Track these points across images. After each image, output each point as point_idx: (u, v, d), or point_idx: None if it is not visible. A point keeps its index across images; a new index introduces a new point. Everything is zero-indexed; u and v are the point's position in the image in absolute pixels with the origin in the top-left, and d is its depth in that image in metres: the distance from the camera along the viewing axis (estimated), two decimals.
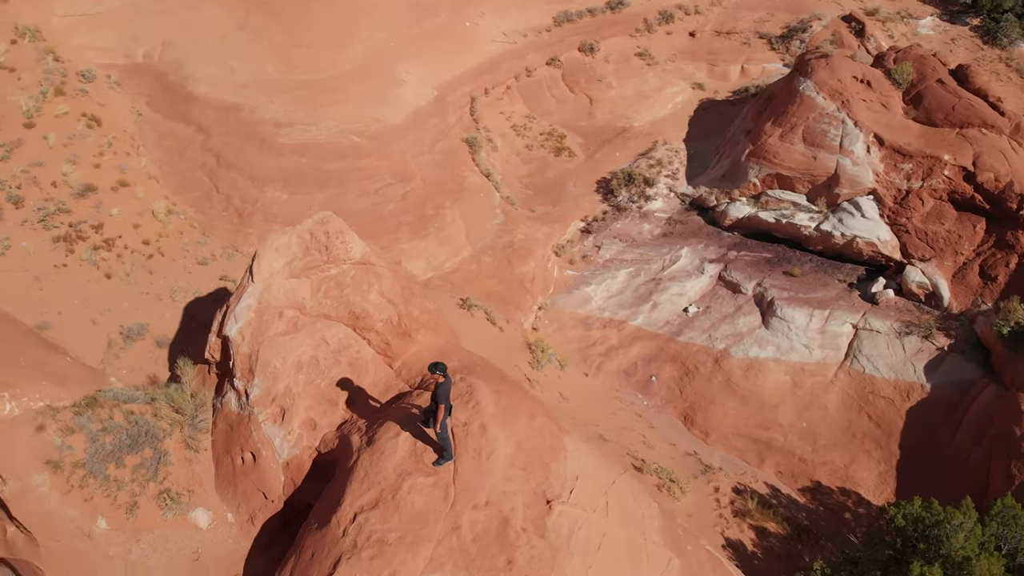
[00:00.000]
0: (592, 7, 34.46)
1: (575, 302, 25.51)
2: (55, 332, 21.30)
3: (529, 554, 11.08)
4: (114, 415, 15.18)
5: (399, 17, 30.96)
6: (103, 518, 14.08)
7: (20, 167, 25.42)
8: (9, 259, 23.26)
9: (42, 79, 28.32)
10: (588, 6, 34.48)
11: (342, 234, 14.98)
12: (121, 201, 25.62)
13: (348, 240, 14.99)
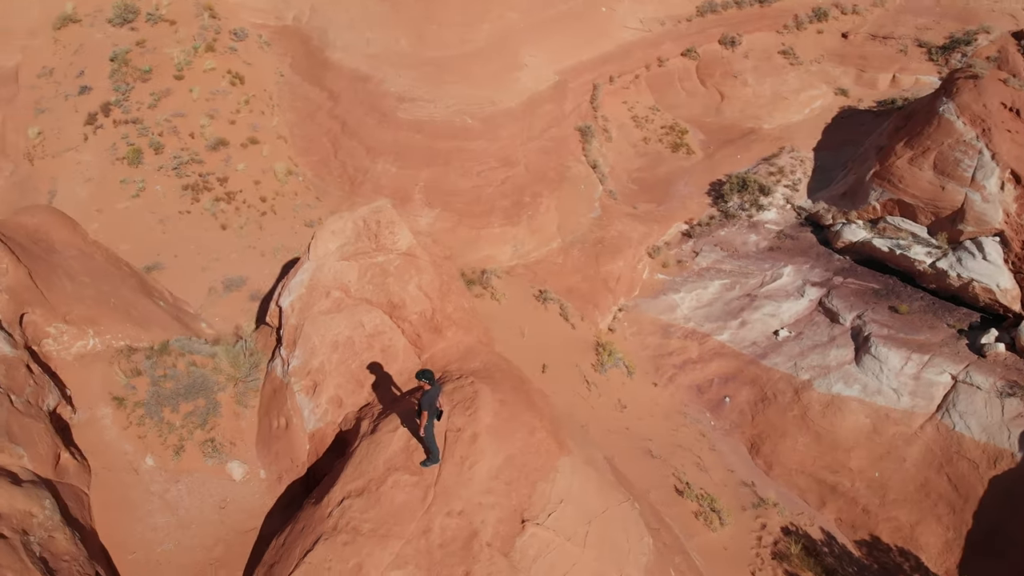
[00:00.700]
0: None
1: (659, 308, 24.86)
2: (166, 273, 23.50)
3: (487, 570, 11.21)
4: (178, 363, 16.63)
5: None
6: (152, 456, 15.56)
7: (164, 116, 27.88)
8: (142, 200, 25.74)
9: (196, 34, 30.68)
10: None
11: (392, 225, 15.45)
12: (248, 157, 27.51)
13: (397, 231, 15.44)
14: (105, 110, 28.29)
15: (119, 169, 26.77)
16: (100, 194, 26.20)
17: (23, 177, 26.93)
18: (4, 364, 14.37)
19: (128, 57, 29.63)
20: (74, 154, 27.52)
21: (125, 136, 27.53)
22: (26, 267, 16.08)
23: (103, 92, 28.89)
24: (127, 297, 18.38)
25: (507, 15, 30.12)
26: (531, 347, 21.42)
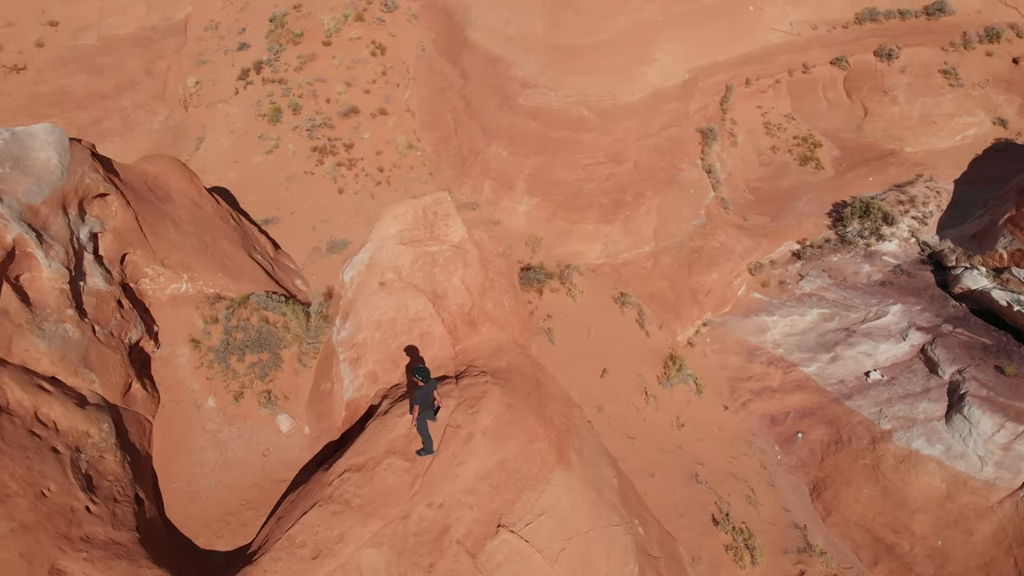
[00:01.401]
0: (905, 9, 30.08)
1: (748, 328, 23.91)
2: (280, 228, 25.37)
3: (451, 566, 11.64)
4: (252, 317, 18.11)
5: None
6: (213, 398, 17.15)
7: (307, 79, 29.77)
8: (273, 157, 27.77)
9: (349, 3, 32.32)
10: (901, 7, 30.16)
11: (448, 217, 15.94)
12: (375, 127, 28.91)
13: (451, 224, 15.92)
14: (257, 68, 30.60)
15: (259, 125, 28.98)
16: (240, 146, 28.53)
17: (177, 122, 29.81)
18: (96, 297, 16.28)
19: (285, 20, 31.78)
20: (224, 106, 30.07)
21: (270, 94, 29.69)
22: (134, 211, 17.99)
23: (258, 51, 31.23)
24: (225, 249, 20.12)
25: (646, 7, 29.49)
26: (596, 349, 21.37)
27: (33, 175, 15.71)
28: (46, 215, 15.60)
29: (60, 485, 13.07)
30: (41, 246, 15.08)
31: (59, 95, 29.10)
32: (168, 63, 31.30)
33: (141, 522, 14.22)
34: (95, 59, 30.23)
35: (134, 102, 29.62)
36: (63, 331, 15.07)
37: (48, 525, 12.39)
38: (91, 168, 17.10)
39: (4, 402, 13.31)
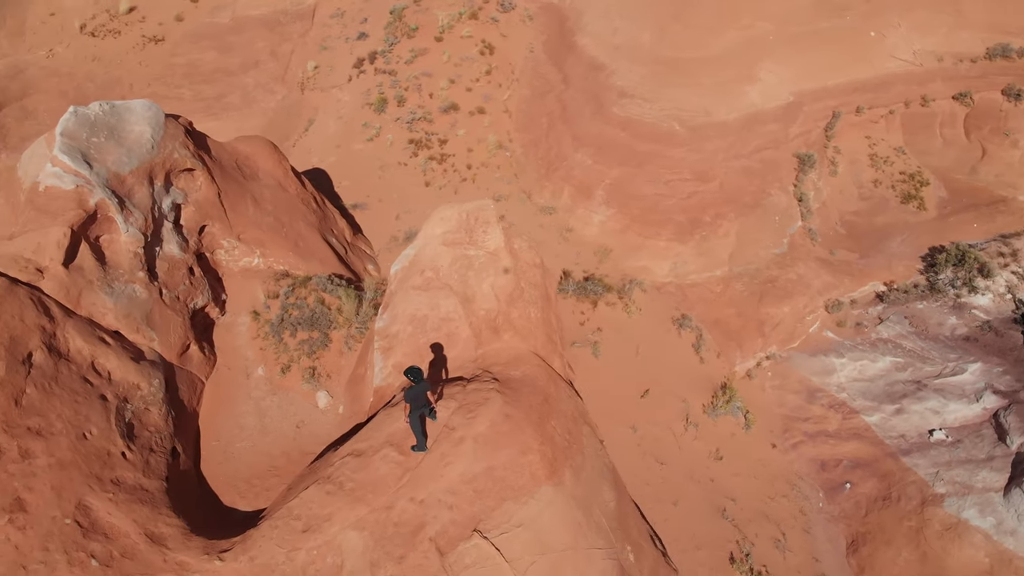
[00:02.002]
0: None
1: (814, 368, 23.00)
2: (367, 214, 26.67)
3: (418, 561, 12.16)
4: (309, 297, 19.29)
5: (796, 10, 28.93)
6: (263, 367, 18.44)
7: (415, 73, 30.96)
8: (373, 145, 29.13)
9: (466, 0, 33.21)
10: None
11: (487, 224, 16.37)
12: (471, 125, 29.71)
13: (489, 232, 16.34)
14: (371, 58, 32.08)
15: (365, 113, 30.44)
16: (344, 132, 30.10)
17: (292, 103, 31.75)
18: (168, 263, 17.86)
19: (403, 13, 33.11)
20: (337, 92, 31.76)
21: (379, 85, 31.10)
22: (218, 187, 19.53)
23: (375, 41, 32.72)
24: (300, 230, 21.44)
25: (758, 24, 28.65)
26: (642, 368, 21.24)
27: (125, 146, 17.38)
28: (131, 184, 17.23)
29: (101, 430, 14.54)
30: (121, 212, 16.68)
31: (190, 68, 31.66)
32: (293, 46, 33.31)
33: (172, 473, 15.57)
34: (226, 37, 32.63)
35: (256, 80, 31.77)
36: (131, 291, 16.65)
37: (83, 465, 13.84)
38: (182, 144, 18.67)
39: (65, 349, 14.93)
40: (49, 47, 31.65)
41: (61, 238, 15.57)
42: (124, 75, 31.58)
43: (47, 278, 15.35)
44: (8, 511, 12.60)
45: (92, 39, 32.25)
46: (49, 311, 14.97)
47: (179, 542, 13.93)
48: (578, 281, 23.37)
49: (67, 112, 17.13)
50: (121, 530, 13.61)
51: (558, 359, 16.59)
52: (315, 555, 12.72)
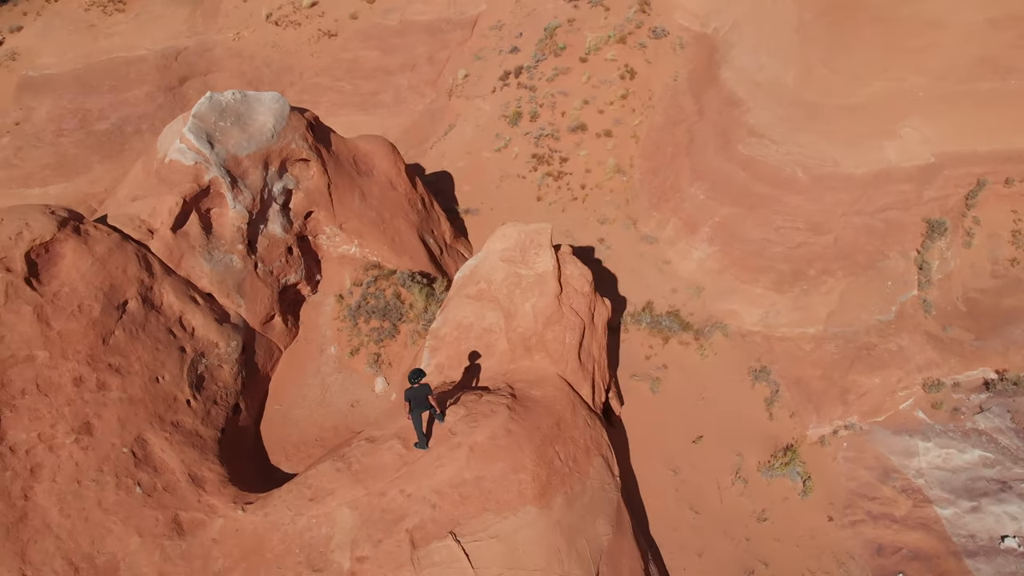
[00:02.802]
0: None
1: (894, 446, 21.59)
2: (476, 220, 28.00)
3: (391, 548, 13.12)
4: (388, 290, 20.80)
5: (954, 67, 26.93)
6: (336, 346, 20.16)
7: (553, 90, 31.91)
8: (499, 156, 30.45)
9: (618, 24, 33.73)
10: None
11: (540, 248, 16.98)
12: (595, 146, 30.24)
13: (541, 255, 16.93)
14: (517, 72, 33.40)
15: (499, 124, 31.79)
16: (477, 140, 31.62)
17: (438, 107, 33.71)
18: (269, 240, 19.96)
19: (556, 31, 34.15)
20: (480, 101, 33.36)
21: (519, 99, 32.34)
22: (328, 178, 21.47)
23: (524, 56, 34.00)
24: (399, 227, 23.03)
25: (910, 78, 26.95)
26: (701, 414, 20.97)
27: (247, 132, 19.61)
28: (247, 167, 19.43)
29: (173, 377, 16.70)
30: (232, 190, 18.90)
31: (354, 64, 34.44)
32: (449, 53, 35.31)
33: (230, 426, 17.52)
34: (391, 39, 35.15)
35: (410, 82, 34.04)
36: (228, 260, 18.84)
37: (149, 404, 16.01)
38: (301, 136, 20.72)
39: (158, 302, 17.25)
40: (237, 30, 35.59)
41: (173, 206, 17.93)
42: (296, 63, 34.93)
43: (156, 239, 17.75)
44: (76, 432, 14.87)
45: (275, 27, 35.93)
46: (151, 267, 17.32)
47: (215, 487, 15.73)
48: (656, 315, 23.34)
49: (204, 96, 19.61)
50: (169, 467, 15.57)
51: (589, 387, 16.92)
52: (313, 523, 14.02)
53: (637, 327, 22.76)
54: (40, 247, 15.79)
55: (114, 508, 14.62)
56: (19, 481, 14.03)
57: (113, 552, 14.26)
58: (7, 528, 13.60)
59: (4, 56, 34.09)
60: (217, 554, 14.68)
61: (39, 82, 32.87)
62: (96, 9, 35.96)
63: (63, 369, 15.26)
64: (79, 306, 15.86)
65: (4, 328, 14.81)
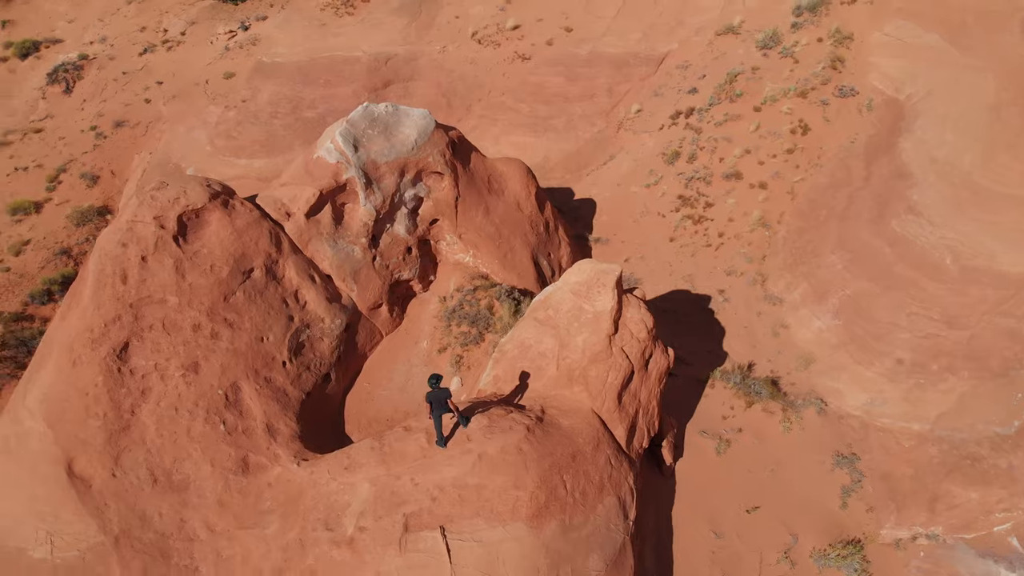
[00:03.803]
0: None
1: (976, 569, 19.76)
2: (604, 248, 29.12)
3: (385, 526, 14.79)
4: (483, 300, 22.53)
5: None
6: (428, 341, 22.22)
7: (717, 135, 32.08)
8: (646, 192, 31.23)
9: (803, 77, 33.02)
10: None
11: (603, 288, 17.74)
12: (744, 196, 29.99)
13: (602, 294, 17.69)
14: (688, 112, 33.82)
15: (655, 161, 32.45)
16: (631, 174, 32.51)
17: (604, 138, 34.93)
18: (391, 238, 22.42)
19: (737, 78, 34.08)
20: (645, 136, 34.19)
21: (682, 138, 32.79)
22: (458, 192, 23.58)
23: (701, 98, 34.30)
24: (514, 245, 24.64)
25: None
26: (764, 485, 20.56)
27: (390, 142, 22.19)
28: (383, 172, 22.00)
29: (276, 339, 19.56)
30: (365, 190, 21.54)
31: (537, 88, 36.55)
32: (630, 87, 36.36)
33: (317, 392, 20.12)
34: (577, 67, 36.85)
35: (583, 111, 35.57)
36: (350, 250, 21.52)
37: (250, 358, 18.95)
38: (440, 152, 22.97)
39: (280, 275, 20.22)
40: (443, 44, 39.02)
41: (310, 196, 20.85)
42: (488, 81, 37.68)
43: (290, 221, 20.76)
44: (185, 369, 18.04)
45: (477, 45, 38.94)
46: (280, 244, 20.34)
47: (285, 440, 18.35)
48: (750, 377, 23.06)
49: (361, 105, 22.47)
50: (252, 414, 18.38)
51: (625, 430, 17.52)
52: (340, 488, 16.10)
53: (724, 385, 22.68)
54: (191, 212, 19.23)
55: (198, 438, 17.59)
56: (130, 398, 17.36)
57: (187, 474, 17.20)
58: (111, 433, 16.95)
59: (247, 40, 40.13)
60: (267, 496, 17.21)
61: (269, 68, 38.33)
62: (329, 10, 41.12)
63: (186, 315, 18.54)
64: (211, 266, 19.12)
65: (148, 273, 18.31)
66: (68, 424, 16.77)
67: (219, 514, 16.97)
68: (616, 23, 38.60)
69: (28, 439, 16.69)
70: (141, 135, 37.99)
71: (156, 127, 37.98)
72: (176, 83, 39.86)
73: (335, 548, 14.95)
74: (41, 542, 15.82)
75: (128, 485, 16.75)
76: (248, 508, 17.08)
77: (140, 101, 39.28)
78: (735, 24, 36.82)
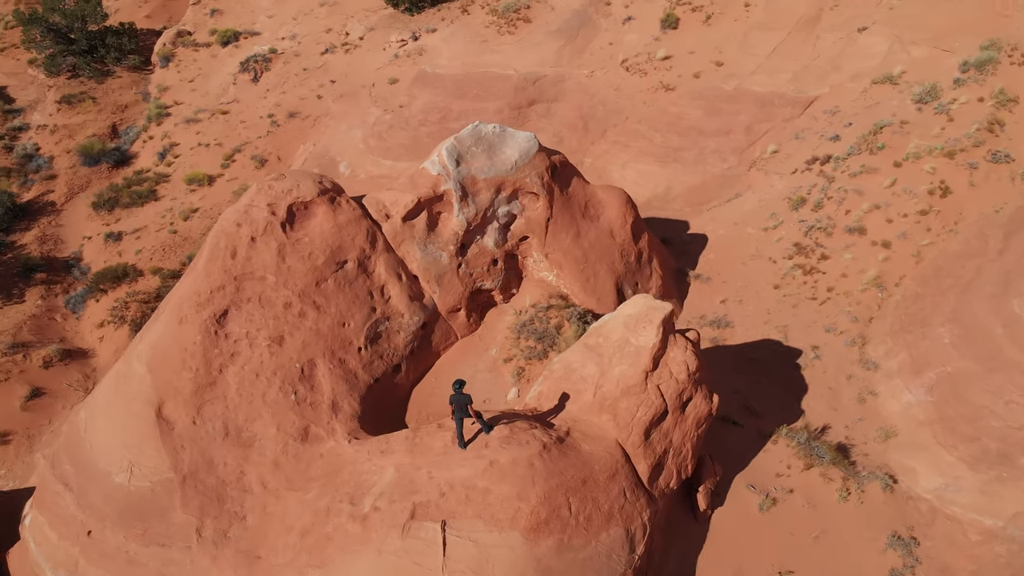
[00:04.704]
0: None
1: None
2: (703, 286, 29.04)
3: (394, 510, 16.19)
4: (553, 319, 23.46)
5: None
6: (496, 349, 23.50)
7: (849, 186, 30.88)
8: (763, 235, 30.71)
9: (953, 137, 31.05)
10: None
11: (648, 325, 18.08)
12: (864, 253, 28.69)
13: (647, 330, 18.00)
14: (824, 159, 32.80)
15: (780, 204, 31.76)
16: (751, 215, 32.03)
17: (733, 175, 34.56)
18: (479, 249, 23.89)
19: (883, 130, 32.60)
20: (776, 179, 33.56)
21: (812, 185, 31.88)
22: (550, 214, 24.67)
23: (841, 146, 33.14)
24: (598, 272, 25.26)
25: None
26: (804, 551, 19.89)
27: (491, 160, 23.71)
28: (480, 187, 23.55)
29: (356, 326, 21.61)
30: (460, 202, 23.20)
31: (675, 119, 36.69)
32: (770, 127, 35.69)
33: (386, 380, 21.97)
34: (719, 102, 36.65)
35: (717, 146, 35.37)
36: (438, 255, 23.25)
37: (329, 339, 21.09)
38: (538, 175, 24.21)
39: (370, 269, 22.27)
40: (592, 69, 40.07)
41: (408, 202, 22.76)
42: (627, 107, 38.27)
43: (388, 223, 22.78)
44: (271, 340, 20.43)
45: (624, 72, 39.64)
46: (375, 242, 22.41)
47: (345, 418, 20.33)
48: (819, 440, 22.36)
49: (471, 124, 24.14)
50: (322, 389, 20.50)
51: (648, 467, 17.85)
52: (372, 469, 17.77)
53: (788, 442, 22.16)
54: (301, 204, 21.68)
55: (271, 403, 19.90)
56: (220, 359, 19.95)
57: (255, 432, 19.53)
58: (199, 386, 19.58)
59: (415, 50, 43.26)
60: (316, 465, 19.19)
61: (429, 78, 41.13)
62: (493, 28, 43.39)
63: (280, 293, 20.96)
64: (309, 253, 21.47)
65: (254, 252, 20.91)
66: (165, 372, 19.59)
67: (273, 473, 19.13)
68: (769, 62, 37.96)
69: (131, 380, 19.66)
70: (309, 127, 42.12)
71: (323, 121, 41.94)
72: (347, 83, 43.76)
73: (350, 521, 16.56)
74: (123, 469, 18.66)
75: (204, 433, 19.29)
76: (299, 473, 19.13)
77: (313, 96, 43.51)
78: (895, 74, 35.14)
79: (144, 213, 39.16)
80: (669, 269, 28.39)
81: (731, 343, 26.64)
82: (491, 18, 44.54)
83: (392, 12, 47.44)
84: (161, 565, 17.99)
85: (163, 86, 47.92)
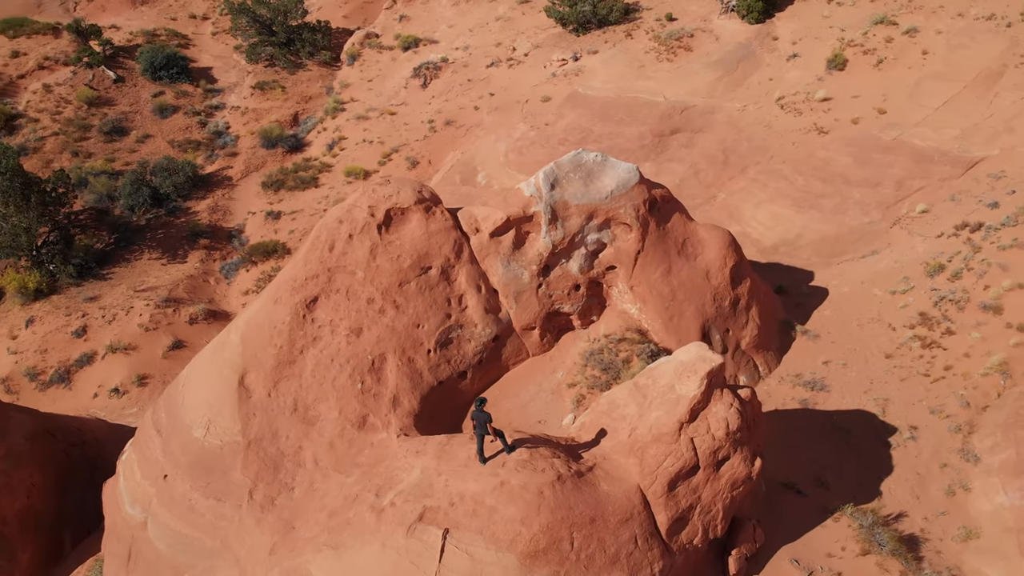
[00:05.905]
0: None
1: None
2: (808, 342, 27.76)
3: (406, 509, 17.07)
4: (622, 352, 23.40)
5: None
6: (563, 373, 23.81)
7: (993, 259, 28.22)
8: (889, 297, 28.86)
9: None
10: None
11: (693, 375, 17.59)
12: (995, 335, 25.98)
13: (689, 381, 17.42)
14: (976, 227, 30.05)
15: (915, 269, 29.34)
16: (882, 275, 29.83)
17: (872, 230, 32.39)
18: (562, 272, 24.34)
19: None
20: (919, 240, 31.28)
21: (955, 252, 29.31)
22: (641, 247, 24.57)
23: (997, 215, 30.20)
24: (684, 311, 24.62)
25: None
26: None
27: (587, 187, 24.13)
28: (571, 213, 24.03)
29: (429, 329, 22.85)
30: (548, 225, 23.81)
31: (821, 164, 34.83)
32: (924, 185, 33.11)
33: (449, 384, 23.04)
34: (872, 152, 34.44)
35: (861, 197, 33.29)
36: (519, 272, 24.00)
37: (402, 337, 22.45)
38: (633, 207, 24.30)
39: (452, 278, 23.43)
40: (745, 103, 38.92)
41: (498, 219, 23.67)
42: (774, 146, 36.80)
43: (475, 236, 23.83)
44: (350, 330, 22.10)
45: (778, 110, 38.14)
46: (460, 253, 23.55)
47: (402, 413, 21.66)
48: (887, 527, 20.75)
49: (574, 151, 24.64)
50: (388, 383, 21.94)
51: (668, 519, 17.49)
52: (403, 466, 18.92)
53: (850, 521, 20.76)
54: (398, 209, 23.21)
55: (339, 388, 21.54)
56: (303, 341, 21.85)
57: (319, 413, 21.22)
58: (280, 362, 21.56)
59: (572, 70, 44.09)
60: (365, 453, 20.61)
61: (580, 98, 41.80)
62: (652, 54, 43.29)
63: (366, 289, 22.58)
64: (398, 255, 22.95)
65: (349, 248, 22.67)
66: (253, 345, 21.76)
67: (327, 453, 20.72)
68: (937, 115, 35.17)
69: (226, 347, 22.01)
70: (462, 135, 44.22)
71: (474, 131, 43.87)
72: (504, 97, 45.45)
73: (369, 511, 17.69)
74: (202, 425, 20.95)
75: (275, 406, 21.24)
76: (348, 457, 20.59)
77: (471, 106, 45.61)
78: None
79: (304, 197, 42.94)
80: (773, 320, 27.27)
81: (822, 408, 25.16)
82: (652, 44, 44.49)
83: (560, 31, 48.59)
84: (215, 518, 20.05)
85: (345, 83, 52.09)
